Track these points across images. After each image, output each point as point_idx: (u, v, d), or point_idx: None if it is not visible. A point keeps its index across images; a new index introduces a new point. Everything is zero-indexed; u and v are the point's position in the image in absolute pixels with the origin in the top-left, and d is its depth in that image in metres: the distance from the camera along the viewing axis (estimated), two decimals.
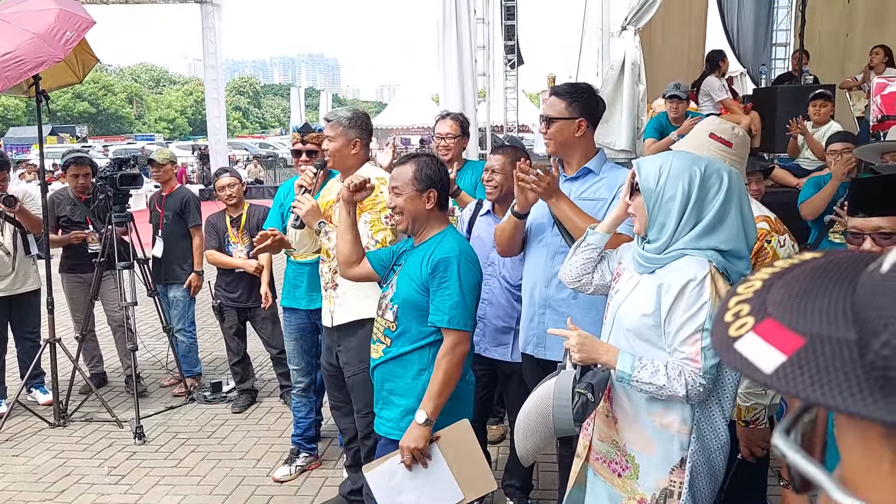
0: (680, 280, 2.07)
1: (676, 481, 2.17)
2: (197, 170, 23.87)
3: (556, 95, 3.01)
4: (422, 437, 2.58)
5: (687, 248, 2.11)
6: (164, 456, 4.58)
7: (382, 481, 2.62)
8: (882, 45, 7.50)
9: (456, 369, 2.62)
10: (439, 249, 2.65)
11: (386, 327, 2.74)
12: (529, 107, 26.57)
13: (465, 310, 2.61)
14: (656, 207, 2.14)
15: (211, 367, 6.29)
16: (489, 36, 13.23)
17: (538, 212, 3.04)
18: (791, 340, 0.48)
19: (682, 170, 2.13)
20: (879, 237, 1.98)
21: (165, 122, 69.25)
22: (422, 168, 2.72)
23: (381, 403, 2.82)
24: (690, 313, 2.05)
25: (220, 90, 17.90)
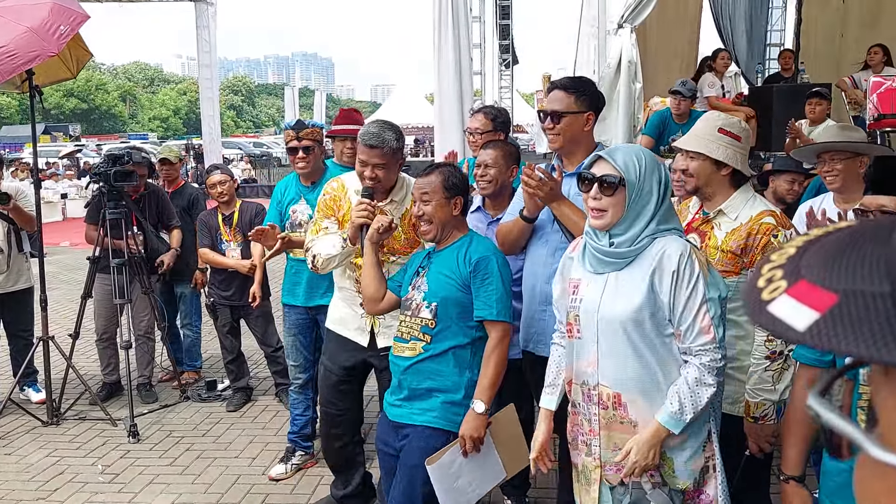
0: (670, 261, 2.13)
1: (710, 455, 2.22)
2: (191, 169, 23.77)
3: (561, 89, 2.97)
4: (481, 425, 2.73)
5: (655, 233, 2.19)
6: (158, 454, 4.54)
7: (444, 470, 2.73)
8: (880, 45, 7.51)
9: (504, 359, 2.78)
10: (475, 248, 2.81)
11: (423, 325, 2.82)
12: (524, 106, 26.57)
13: (507, 304, 2.78)
14: (636, 201, 2.19)
15: (206, 365, 6.25)
16: (484, 35, 13.22)
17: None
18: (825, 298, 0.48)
19: (652, 162, 2.22)
20: (882, 215, 1.99)
21: (159, 120, 69.02)
22: (448, 177, 2.86)
23: (408, 395, 2.86)
24: (691, 287, 2.12)
25: (214, 89, 17.77)
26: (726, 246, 2.60)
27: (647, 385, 2.18)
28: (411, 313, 2.86)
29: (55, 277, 10.08)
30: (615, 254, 2.21)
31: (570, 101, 2.94)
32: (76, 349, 5.30)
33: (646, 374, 2.18)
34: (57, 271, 10.66)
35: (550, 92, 3.03)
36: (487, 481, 2.84)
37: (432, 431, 2.79)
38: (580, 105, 2.95)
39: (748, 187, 2.72)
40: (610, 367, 2.21)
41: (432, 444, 2.75)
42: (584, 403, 2.33)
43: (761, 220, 2.57)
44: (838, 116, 7.61)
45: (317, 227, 3.31)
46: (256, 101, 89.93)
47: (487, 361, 2.76)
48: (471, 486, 2.77)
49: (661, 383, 2.18)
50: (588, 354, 2.26)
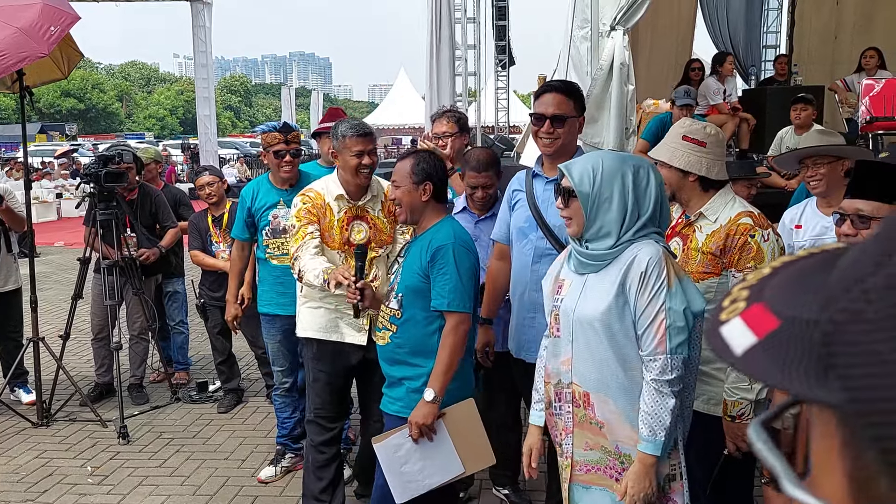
0: (638, 268, 2.16)
1: (675, 463, 2.24)
2: (187, 169, 23.74)
3: (560, 93, 2.93)
4: (430, 413, 2.75)
5: (634, 238, 2.22)
6: (148, 456, 4.53)
7: (389, 452, 2.78)
8: (874, 48, 7.52)
9: (459, 348, 2.78)
10: (436, 238, 2.83)
11: (391, 315, 2.89)
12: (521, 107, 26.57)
13: (462, 292, 2.77)
14: (594, 209, 2.23)
15: (197, 366, 6.24)
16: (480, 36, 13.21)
17: (521, 214, 3.05)
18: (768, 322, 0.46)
19: (614, 170, 2.23)
20: (857, 220, 2.00)
21: (155, 120, 68.93)
22: (419, 162, 2.89)
23: (388, 383, 2.96)
24: (653, 293, 2.14)
25: (210, 89, 17.81)
26: (706, 248, 2.63)
27: (614, 386, 2.20)
28: (387, 301, 2.95)
29: (48, 277, 10.06)
30: (591, 256, 2.26)
31: (570, 105, 2.92)
32: (67, 350, 5.29)
33: (612, 375, 2.20)
34: (50, 271, 10.65)
35: (544, 94, 2.97)
36: (441, 473, 2.84)
37: (400, 420, 2.87)
38: (577, 109, 2.95)
39: (728, 190, 2.74)
40: (581, 365, 2.24)
41: None
42: (557, 403, 2.36)
43: (739, 221, 2.59)
44: (832, 119, 7.63)
45: (302, 233, 3.23)
46: (253, 100, 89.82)
47: (441, 349, 2.78)
48: (421, 473, 2.81)
49: (627, 386, 2.19)
50: (564, 353, 2.31)
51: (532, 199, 3.03)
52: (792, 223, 3.46)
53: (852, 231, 2.00)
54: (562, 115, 2.88)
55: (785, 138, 6.09)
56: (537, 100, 2.99)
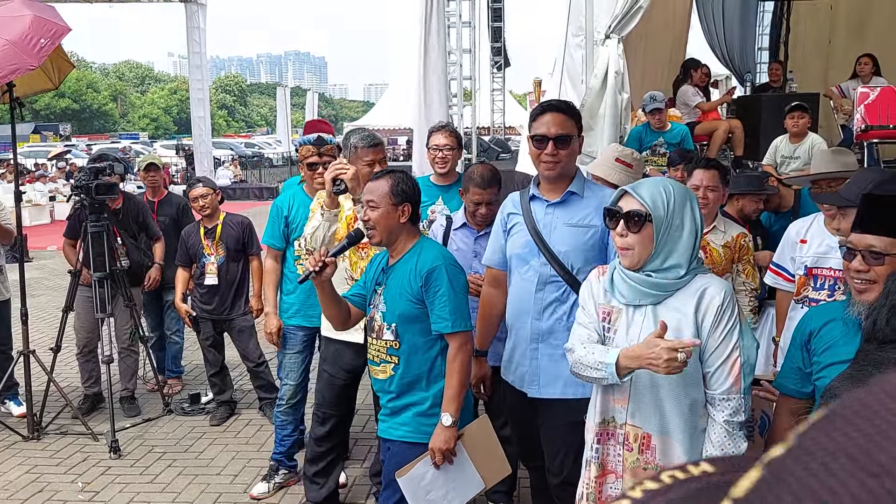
0: (713, 302, 2.07)
1: None
2: (181, 170, 23.68)
3: (562, 113, 2.81)
4: (451, 437, 2.73)
5: (697, 269, 2.15)
6: (139, 471, 4.49)
7: (415, 483, 2.74)
8: (869, 55, 7.51)
9: (467, 367, 2.79)
10: (423, 260, 2.76)
11: (389, 346, 2.82)
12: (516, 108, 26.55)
13: (462, 311, 2.76)
14: (665, 237, 2.10)
15: (190, 376, 6.21)
16: (476, 38, 13.19)
17: (520, 240, 2.89)
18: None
19: (683, 196, 2.14)
20: (870, 256, 1.95)
21: (149, 119, 68.75)
22: (398, 183, 2.81)
23: (390, 412, 2.89)
24: (726, 330, 2.06)
25: (204, 90, 17.74)
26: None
27: (679, 429, 2.09)
28: (375, 335, 2.86)
29: (40, 283, 10.01)
30: (656, 285, 2.11)
31: (572, 125, 2.82)
32: (58, 361, 5.25)
33: (680, 416, 2.09)
34: (42, 277, 10.60)
35: (543, 114, 2.82)
36: (465, 492, 2.83)
37: (408, 445, 2.81)
38: (578, 129, 2.85)
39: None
40: (643, 406, 2.10)
41: (408, 458, 2.78)
42: (601, 443, 2.24)
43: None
44: (827, 126, 7.63)
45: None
46: (248, 100, 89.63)
47: (450, 373, 2.75)
48: (446, 497, 2.77)
49: (692, 430, 2.09)
50: (619, 391, 2.16)
51: (532, 223, 2.86)
52: (798, 237, 3.44)
53: (864, 267, 1.94)
54: (566, 135, 2.77)
55: (780, 147, 6.07)
56: (535, 121, 2.84)
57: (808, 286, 3.41)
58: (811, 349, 2.09)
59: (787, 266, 3.58)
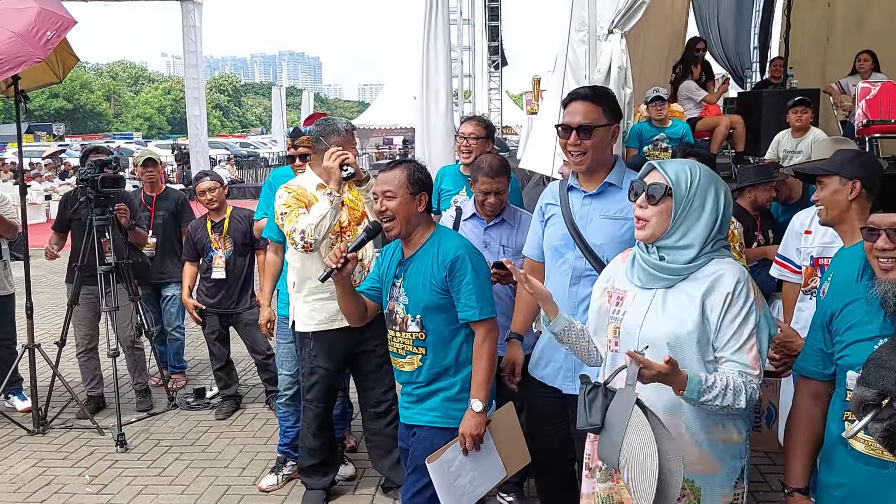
0: (724, 287, 2.06)
1: (740, 493, 2.15)
2: (177, 170, 23.59)
3: (587, 100, 2.70)
4: (481, 422, 2.73)
5: (711, 253, 2.13)
6: (146, 464, 4.49)
7: (444, 468, 2.73)
8: (868, 51, 7.55)
9: (495, 353, 2.78)
10: (445, 249, 2.76)
11: (415, 338, 2.81)
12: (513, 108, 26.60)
13: (488, 297, 2.77)
14: (683, 214, 2.11)
15: (193, 371, 6.20)
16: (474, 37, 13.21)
17: (557, 232, 2.83)
18: None
19: (709, 181, 2.14)
20: (894, 234, 1.96)
21: (143, 119, 68.51)
22: (413, 172, 2.80)
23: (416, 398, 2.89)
24: (742, 316, 2.04)
25: (200, 90, 17.72)
26: None
27: (685, 408, 2.09)
28: (398, 328, 2.84)
29: (39, 281, 9.96)
30: (666, 269, 2.12)
31: (598, 112, 2.69)
32: (62, 356, 5.22)
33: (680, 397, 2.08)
34: (41, 275, 10.54)
35: (570, 103, 2.74)
36: (488, 480, 2.83)
37: (436, 430, 2.81)
38: (607, 117, 2.70)
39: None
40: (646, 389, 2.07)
41: (436, 443, 2.77)
42: None
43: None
44: (826, 121, 7.66)
45: (296, 214, 3.51)
46: (243, 100, 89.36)
47: (478, 359, 2.75)
48: (471, 484, 2.77)
49: (698, 409, 2.07)
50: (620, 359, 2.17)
51: (569, 214, 2.79)
52: (802, 228, 3.45)
53: (890, 245, 1.95)
54: (588, 124, 2.66)
55: (782, 142, 6.10)
56: (564, 109, 2.77)
57: (816, 276, 3.41)
58: (833, 330, 2.11)
59: (792, 257, 3.59)
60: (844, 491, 2.05)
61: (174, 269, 5.63)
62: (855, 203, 2.70)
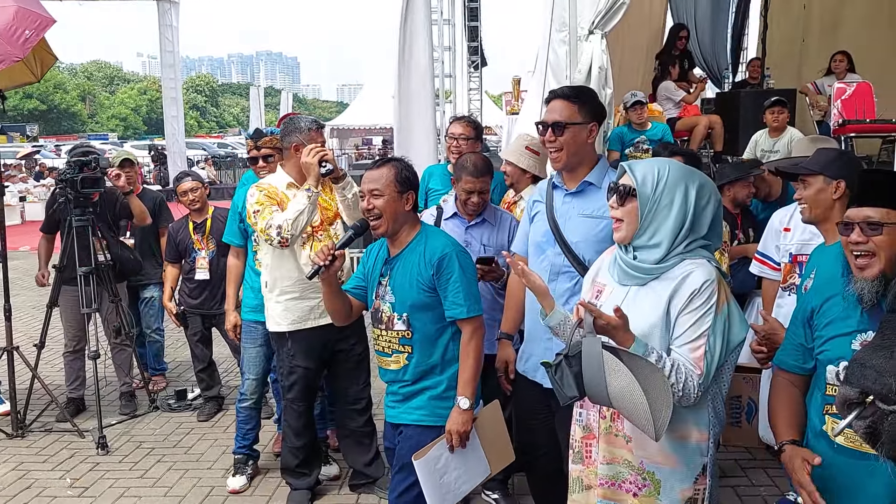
0: (689, 286, 2.08)
1: (700, 488, 2.18)
2: (154, 170, 23.37)
3: (563, 99, 2.79)
4: (468, 420, 2.75)
5: (683, 253, 2.15)
6: (128, 466, 4.45)
7: (430, 465, 2.73)
8: (843, 52, 7.68)
9: (481, 351, 2.80)
10: (432, 248, 2.76)
11: (401, 337, 2.81)
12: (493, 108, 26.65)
13: (475, 296, 2.79)
14: (651, 214, 2.14)
15: (174, 373, 6.15)
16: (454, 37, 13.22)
17: (540, 228, 2.91)
18: None
19: (678, 179, 2.15)
20: (867, 227, 2.00)
21: (119, 120, 67.72)
22: (401, 171, 2.81)
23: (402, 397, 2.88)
24: (698, 316, 2.07)
25: (177, 90, 17.55)
26: None
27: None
28: (385, 326, 2.84)
29: (15, 283, 9.80)
30: (638, 268, 2.17)
31: (573, 110, 2.76)
32: (41, 359, 5.16)
33: None
34: (16, 277, 10.39)
35: (549, 102, 2.83)
36: (473, 478, 2.84)
37: (423, 429, 2.82)
38: (583, 115, 2.77)
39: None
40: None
41: (423, 441, 2.78)
42: (582, 409, 2.32)
43: None
44: (802, 121, 7.77)
45: (269, 211, 3.53)
46: (220, 100, 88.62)
47: (465, 357, 2.77)
48: (457, 482, 2.78)
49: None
50: None
51: (551, 211, 2.87)
52: (781, 225, 3.50)
53: (863, 238, 2.00)
54: (562, 121, 2.74)
55: (760, 141, 6.19)
56: (546, 107, 2.86)
57: (795, 273, 3.47)
58: (814, 325, 2.15)
59: (771, 254, 3.64)
60: (825, 482, 2.08)
61: (152, 271, 5.60)
62: (839, 202, 2.74)
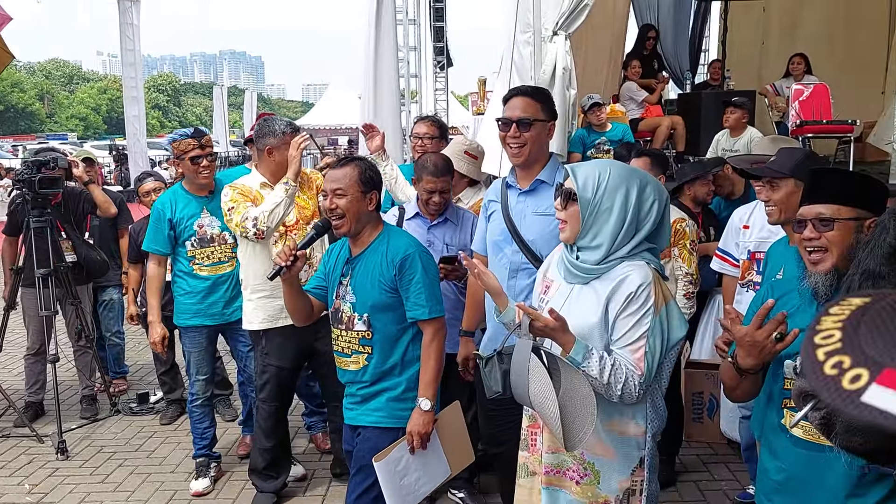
0: (626, 288, 2.13)
1: (637, 480, 2.24)
2: (115, 171, 22.97)
3: (527, 96, 2.84)
4: (429, 421, 2.74)
5: (625, 256, 2.18)
6: (89, 471, 4.38)
7: (391, 467, 2.71)
8: (801, 54, 7.84)
9: (443, 352, 2.79)
10: (395, 248, 2.74)
11: (361, 337, 2.78)
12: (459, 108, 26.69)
13: (437, 297, 2.77)
14: (591, 217, 2.18)
15: (136, 377, 6.05)
16: (420, 37, 13.22)
17: (497, 227, 2.95)
18: None
19: (619, 182, 2.18)
20: (819, 223, 2.04)
21: (78, 119, 66.43)
22: (365, 170, 2.78)
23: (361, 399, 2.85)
24: (636, 318, 2.11)
25: (138, 89, 17.22)
26: None
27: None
28: (345, 326, 2.82)
29: None
30: (580, 268, 2.21)
31: (537, 108, 2.82)
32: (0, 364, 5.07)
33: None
34: None
35: (511, 99, 2.87)
36: (433, 479, 2.83)
37: (381, 431, 2.80)
38: (545, 113, 2.84)
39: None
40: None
41: (381, 444, 2.76)
42: None
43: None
44: (762, 123, 7.92)
45: (244, 206, 3.53)
46: (183, 100, 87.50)
47: (426, 358, 2.75)
48: (417, 483, 2.77)
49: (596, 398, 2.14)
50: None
51: (506, 210, 2.92)
52: (741, 223, 3.57)
53: (815, 235, 2.04)
54: (528, 118, 2.79)
55: (721, 141, 6.30)
56: (505, 105, 2.89)
57: (752, 270, 3.54)
58: (769, 320, 2.18)
59: (731, 251, 3.71)
60: (785, 475, 2.12)
61: (111, 273, 5.49)
62: None
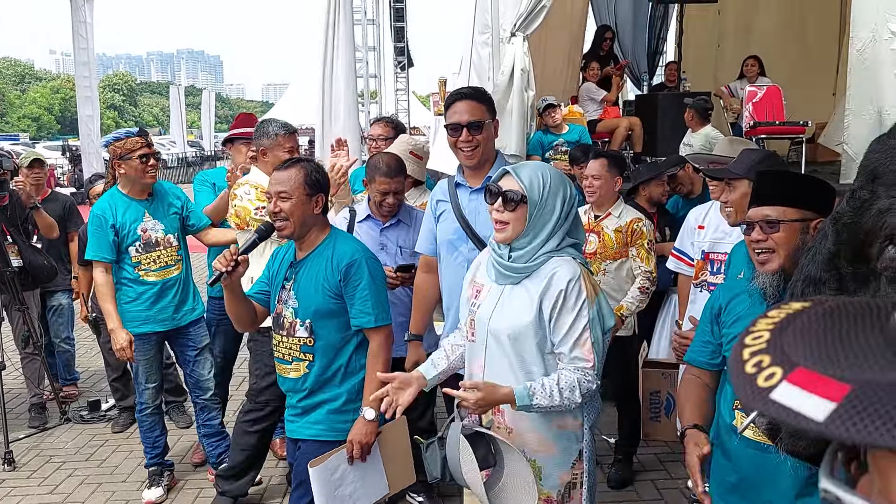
0: (557, 285, 2.17)
1: (577, 472, 2.29)
2: (68, 172, 22.45)
3: (472, 99, 2.86)
4: (371, 431, 2.65)
5: (552, 252, 2.23)
6: (37, 482, 4.25)
7: (326, 475, 2.63)
8: (755, 56, 7.99)
9: (389, 361, 2.72)
10: (341, 253, 2.67)
11: (302, 344, 2.71)
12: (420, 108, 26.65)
13: (384, 304, 2.70)
14: (537, 218, 2.22)
15: (87, 384, 5.90)
16: (380, 37, 13.17)
17: (449, 226, 2.94)
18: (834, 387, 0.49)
19: (558, 182, 2.24)
20: (766, 225, 2.07)
21: (30, 119, 64.80)
22: (311, 173, 2.71)
23: (301, 411, 2.79)
24: (576, 312, 2.16)
25: (93, 88, 16.78)
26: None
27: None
28: (286, 332, 2.74)
29: None
30: (512, 268, 2.25)
31: (483, 110, 2.85)
32: None
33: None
34: None
35: (455, 103, 2.86)
36: (369, 494, 2.73)
37: (321, 444, 2.72)
38: (490, 113, 2.88)
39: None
40: (493, 374, 2.25)
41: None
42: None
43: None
44: (718, 123, 8.04)
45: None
46: (139, 100, 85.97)
47: (372, 368, 2.66)
48: (352, 496, 2.68)
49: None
50: (478, 358, 2.33)
51: (458, 210, 2.92)
52: (696, 223, 3.60)
53: (762, 236, 2.07)
54: (478, 121, 2.81)
55: (685, 138, 6.42)
56: (448, 110, 2.89)
57: (706, 270, 3.57)
58: (721, 322, 2.20)
59: (687, 251, 3.74)
60: (737, 476, 2.13)
61: (60, 278, 5.33)
62: None
